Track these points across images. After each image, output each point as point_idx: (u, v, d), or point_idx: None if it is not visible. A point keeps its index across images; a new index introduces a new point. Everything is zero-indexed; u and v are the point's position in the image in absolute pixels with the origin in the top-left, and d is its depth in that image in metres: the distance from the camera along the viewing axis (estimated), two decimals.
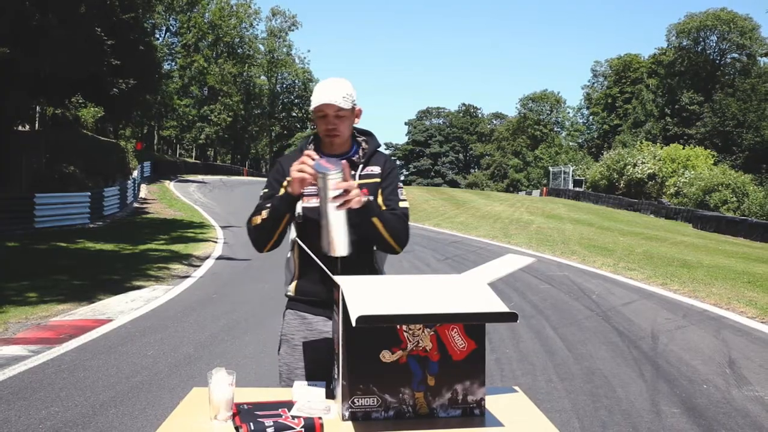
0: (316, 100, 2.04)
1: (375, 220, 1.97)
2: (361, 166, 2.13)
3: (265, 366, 4.89)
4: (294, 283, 2.16)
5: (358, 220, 1.95)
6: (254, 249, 2.10)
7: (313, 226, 1.99)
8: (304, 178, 1.88)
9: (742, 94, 48.52)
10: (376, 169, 2.13)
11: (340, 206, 1.87)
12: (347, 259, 1.99)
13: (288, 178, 1.96)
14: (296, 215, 2.02)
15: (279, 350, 2.19)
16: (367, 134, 2.23)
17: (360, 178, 2.09)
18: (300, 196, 1.97)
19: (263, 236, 2.05)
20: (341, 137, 2.10)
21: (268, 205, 2.03)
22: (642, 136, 54.00)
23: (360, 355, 1.61)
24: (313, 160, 1.90)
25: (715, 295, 8.83)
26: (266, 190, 2.14)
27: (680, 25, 56.07)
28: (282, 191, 2.04)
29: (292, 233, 2.13)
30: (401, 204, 2.11)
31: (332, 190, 1.85)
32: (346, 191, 1.86)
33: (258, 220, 2.03)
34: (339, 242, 1.91)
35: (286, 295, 2.20)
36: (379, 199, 2.09)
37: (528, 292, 8.64)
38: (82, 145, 23.41)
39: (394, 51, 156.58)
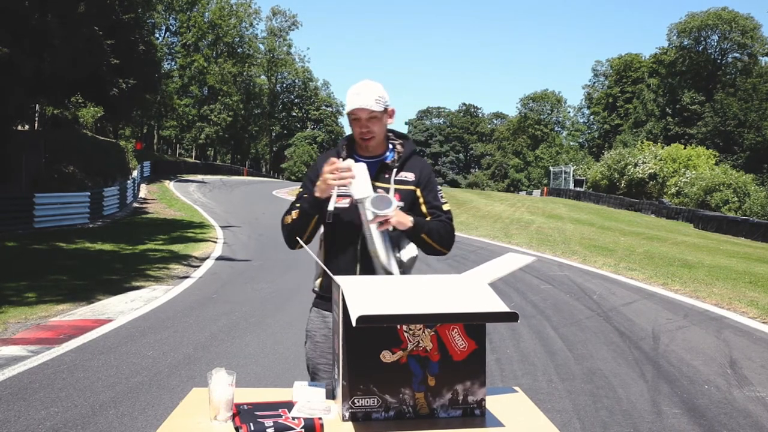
0: (349, 105, 2.07)
1: (423, 236, 2.08)
2: (395, 170, 2.15)
3: (265, 366, 4.88)
4: (319, 280, 2.22)
5: (409, 238, 2.09)
6: (287, 245, 2.17)
7: (342, 225, 2.07)
8: (329, 186, 1.96)
9: (744, 93, 48.51)
10: (411, 176, 2.16)
11: (380, 227, 1.99)
12: (370, 266, 2.08)
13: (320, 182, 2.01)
14: (327, 214, 2.05)
15: (305, 344, 2.25)
16: (403, 137, 2.25)
17: (395, 183, 2.13)
18: (327, 199, 2.01)
19: (293, 235, 2.10)
20: (375, 139, 2.13)
21: (298, 204, 2.10)
22: (643, 136, 54.02)
23: (360, 355, 1.60)
24: (342, 168, 1.97)
25: (717, 296, 8.81)
26: (301, 190, 2.19)
27: (681, 25, 56.07)
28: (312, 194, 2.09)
29: (321, 231, 2.19)
30: (444, 207, 2.18)
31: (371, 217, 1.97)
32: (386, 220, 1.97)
33: (289, 219, 2.11)
34: (385, 261, 2.06)
35: (313, 291, 2.26)
36: (422, 207, 2.15)
37: (529, 292, 8.63)
38: (81, 145, 23.41)
39: (394, 51, 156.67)
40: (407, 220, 2.01)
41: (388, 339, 1.60)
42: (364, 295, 1.62)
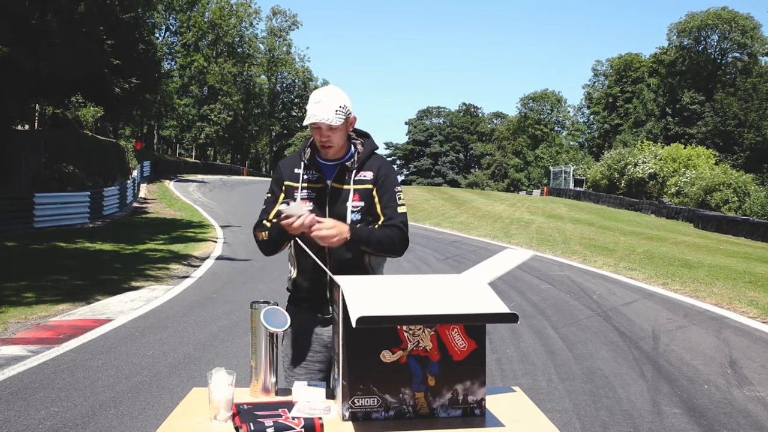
0: (309, 117, 2.06)
1: (363, 248, 2.08)
2: (354, 171, 2.15)
3: None
4: (291, 280, 2.27)
5: (349, 252, 2.07)
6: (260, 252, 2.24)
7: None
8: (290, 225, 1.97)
9: (744, 93, 48.53)
10: (369, 175, 2.15)
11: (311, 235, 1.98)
12: (338, 260, 2.09)
13: (282, 210, 2.01)
14: (276, 213, 2.13)
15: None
16: (364, 136, 2.24)
17: (354, 183, 2.13)
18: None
19: (267, 250, 2.18)
20: (335, 147, 2.13)
21: (269, 224, 2.15)
22: (643, 136, 54.03)
23: (360, 355, 1.60)
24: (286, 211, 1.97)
25: (717, 295, 8.81)
26: (269, 195, 2.24)
27: (681, 25, 56.08)
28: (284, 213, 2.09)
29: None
30: (399, 210, 2.14)
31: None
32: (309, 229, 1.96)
33: (261, 236, 2.17)
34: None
35: (287, 289, 2.30)
36: (377, 207, 2.13)
37: (529, 292, 8.63)
38: (81, 145, 23.40)
39: (394, 50, 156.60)
40: (336, 236, 1.97)
41: (388, 339, 1.60)
42: (364, 296, 1.62)
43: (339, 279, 1.72)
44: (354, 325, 1.49)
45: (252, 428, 1.51)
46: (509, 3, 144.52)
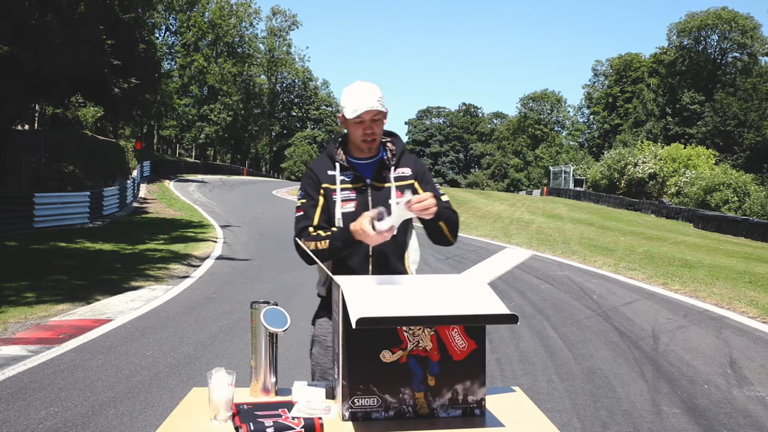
0: (357, 107, 2.03)
1: (441, 223, 2.06)
2: (392, 168, 2.15)
3: None
4: (325, 287, 2.17)
5: (426, 225, 2.06)
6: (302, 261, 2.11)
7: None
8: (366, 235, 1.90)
9: (743, 93, 48.53)
10: (407, 171, 2.17)
11: (420, 213, 1.91)
12: (381, 260, 2.07)
13: (352, 227, 1.94)
14: (336, 221, 2.08)
15: (311, 350, 2.19)
16: (392, 135, 2.23)
17: (395, 180, 2.13)
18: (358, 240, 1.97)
19: (321, 258, 2.03)
20: (377, 141, 2.12)
21: (325, 235, 2.02)
22: (643, 136, 54.04)
23: (360, 355, 1.60)
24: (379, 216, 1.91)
25: (716, 295, 8.81)
26: (304, 201, 2.13)
27: (681, 24, 56.09)
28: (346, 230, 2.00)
29: None
30: (443, 199, 2.16)
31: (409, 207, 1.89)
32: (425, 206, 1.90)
33: (312, 246, 2.01)
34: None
35: (319, 296, 2.21)
36: None
37: (529, 291, 8.63)
38: (81, 145, 23.41)
39: (394, 50, 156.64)
40: (435, 205, 1.93)
41: (388, 339, 1.60)
42: (363, 296, 1.62)
43: (339, 279, 1.72)
44: (354, 326, 1.49)
45: (252, 428, 1.51)
46: (509, 3, 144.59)
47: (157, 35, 50.94)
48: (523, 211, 28.17)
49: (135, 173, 28.76)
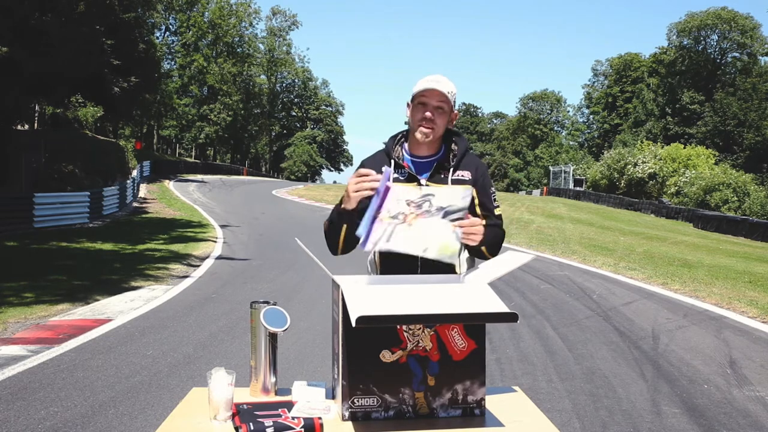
0: (421, 86, 1.98)
1: (483, 248, 1.96)
2: (451, 170, 2.06)
3: None
4: (374, 260, 2.13)
5: (469, 250, 1.96)
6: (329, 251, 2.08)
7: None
8: (362, 196, 1.83)
9: (743, 93, 48.51)
10: (467, 175, 2.06)
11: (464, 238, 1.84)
12: (428, 260, 1.94)
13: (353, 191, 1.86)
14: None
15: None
16: (456, 134, 2.14)
17: (452, 183, 2.03)
18: (356, 210, 1.88)
19: (329, 242, 2.03)
20: (435, 133, 2.02)
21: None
22: (642, 136, 54.06)
23: (360, 355, 1.60)
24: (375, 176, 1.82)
25: (716, 295, 8.82)
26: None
27: (681, 24, 56.07)
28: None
29: None
30: (496, 212, 2.09)
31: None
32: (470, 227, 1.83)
33: (326, 225, 2.02)
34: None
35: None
36: (476, 208, 2.05)
37: (528, 291, 8.63)
38: (81, 145, 23.41)
39: (394, 50, 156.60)
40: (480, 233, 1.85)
41: (388, 338, 1.60)
42: (363, 296, 1.62)
43: (338, 279, 1.72)
44: (353, 324, 1.49)
45: (251, 428, 1.51)
46: (509, 3, 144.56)
47: (157, 35, 50.92)
48: (523, 211, 28.16)
49: (135, 173, 28.75)
